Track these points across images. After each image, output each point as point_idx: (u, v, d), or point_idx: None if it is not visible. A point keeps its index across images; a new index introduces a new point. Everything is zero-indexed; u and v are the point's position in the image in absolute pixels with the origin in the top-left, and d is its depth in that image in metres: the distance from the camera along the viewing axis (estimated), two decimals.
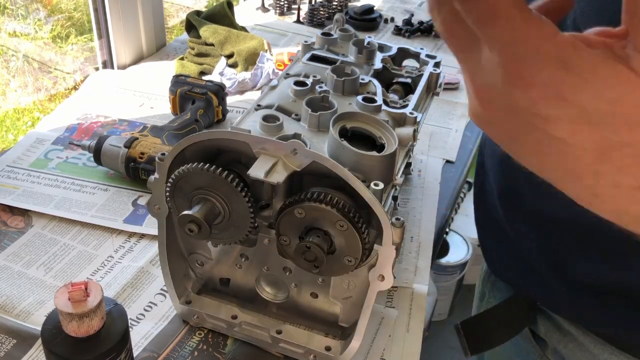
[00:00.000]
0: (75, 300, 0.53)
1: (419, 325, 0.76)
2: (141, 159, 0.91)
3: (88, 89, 1.22)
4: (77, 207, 0.89)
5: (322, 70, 0.81)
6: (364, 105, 0.73)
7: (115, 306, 0.59)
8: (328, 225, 0.57)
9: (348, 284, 0.65)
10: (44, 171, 0.96)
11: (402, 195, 0.96)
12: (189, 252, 0.71)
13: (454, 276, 1.98)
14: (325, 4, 1.61)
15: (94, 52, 1.35)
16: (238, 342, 0.72)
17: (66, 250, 0.82)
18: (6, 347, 0.68)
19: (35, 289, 0.76)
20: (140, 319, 0.73)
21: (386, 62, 0.89)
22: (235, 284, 0.72)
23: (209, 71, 1.28)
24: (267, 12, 1.64)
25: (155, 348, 0.70)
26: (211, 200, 0.58)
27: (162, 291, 0.77)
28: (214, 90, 1.06)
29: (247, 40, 1.33)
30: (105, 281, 0.78)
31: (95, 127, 1.08)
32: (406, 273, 0.83)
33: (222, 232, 0.61)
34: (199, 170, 0.57)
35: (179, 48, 1.40)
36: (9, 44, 2.16)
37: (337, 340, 0.69)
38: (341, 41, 0.91)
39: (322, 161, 0.55)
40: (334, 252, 0.58)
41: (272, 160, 0.56)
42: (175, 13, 2.60)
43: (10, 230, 0.85)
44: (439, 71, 0.89)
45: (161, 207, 0.64)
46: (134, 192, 0.93)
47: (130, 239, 0.85)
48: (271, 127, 0.66)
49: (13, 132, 2.04)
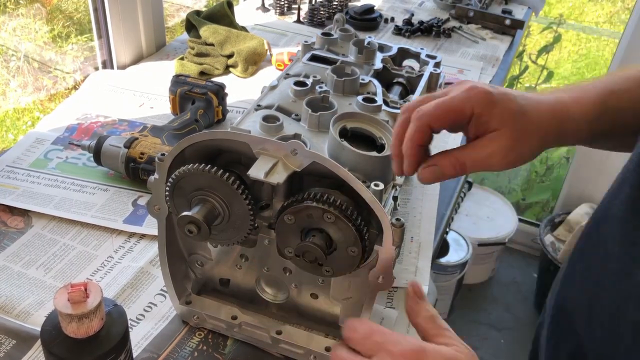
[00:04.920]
0: (75, 301, 0.53)
1: None
2: (141, 159, 0.91)
3: (88, 88, 1.22)
4: (77, 207, 0.89)
5: (322, 71, 0.81)
6: (364, 106, 0.73)
7: (114, 307, 0.59)
8: (322, 223, 0.56)
9: (348, 285, 0.65)
10: (43, 171, 0.96)
11: (402, 195, 0.96)
12: (189, 252, 0.71)
13: (454, 276, 1.98)
14: (325, 4, 1.61)
15: (94, 52, 1.35)
16: (238, 342, 0.71)
17: (66, 250, 0.82)
18: (6, 348, 0.68)
19: (35, 290, 0.76)
20: (140, 320, 0.73)
21: (386, 62, 0.89)
22: (235, 285, 0.72)
23: (209, 71, 1.28)
24: (267, 12, 1.64)
25: (155, 349, 0.70)
26: (211, 201, 0.58)
27: (162, 291, 0.77)
28: (214, 90, 1.06)
29: (247, 40, 1.32)
30: (105, 281, 0.78)
31: (95, 127, 1.08)
32: (406, 273, 0.83)
33: (221, 232, 0.61)
34: (199, 170, 0.57)
35: (179, 48, 1.40)
36: (9, 43, 2.16)
37: (337, 341, 0.69)
38: (341, 41, 0.91)
39: (322, 161, 0.55)
40: (335, 248, 0.57)
41: (272, 161, 0.56)
42: (175, 13, 2.60)
43: (10, 231, 0.85)
44: (439, 71, 0.89)
45: (161, 208, 0.64)
46: (133, 193, 0.93)
47: (130, 239, 0.85)
48: (271, 128, 0.66)
49: (13, 132, 2.04)
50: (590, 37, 3.30)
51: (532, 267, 2.28)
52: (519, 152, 0.55)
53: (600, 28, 3.36)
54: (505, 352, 2.02)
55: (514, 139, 0.54)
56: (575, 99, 0.58)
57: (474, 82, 0.56)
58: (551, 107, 0.57)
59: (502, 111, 0.54)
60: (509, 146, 0.54)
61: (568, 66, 3.17)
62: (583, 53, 3.26)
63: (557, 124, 0.56)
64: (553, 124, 0.56)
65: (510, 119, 0.54)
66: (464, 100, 0.54)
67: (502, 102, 0.54)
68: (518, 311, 2.18)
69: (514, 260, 2.38)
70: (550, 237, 2.11)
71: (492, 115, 0.54)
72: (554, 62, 2.99)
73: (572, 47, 3.27)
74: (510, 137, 0.54)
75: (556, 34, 2.37)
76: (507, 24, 1.62)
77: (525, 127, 0.55)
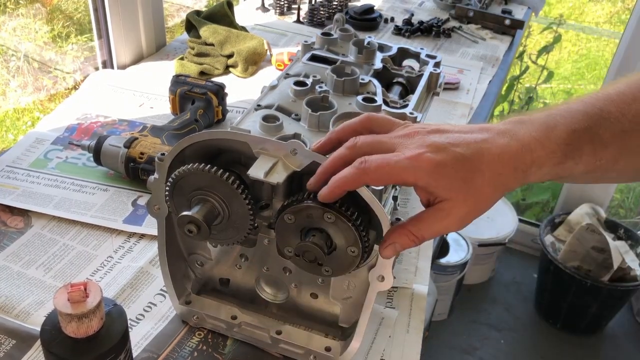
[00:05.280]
0: (75, 300, 0.53)
1: (419, 326, 0.76)
2: (141, 159, 0.91)
3: (88, 88, 1.22)
4: (76, 207, 0.89)
5: (322, 70, 0.81)
6: (364, 105, 0.73)
7: (114, 307, 0.59)
8: (321, 223, 0.56)
9: (348, 285, 0.65)
10: (43, 171, 0.96)
11: (402, 195, 0.96)
12: (189, 252, 0.71)
13: (454, 276, 1.98)
14: (325, 4, 1.61)
15: (94, 52, 1.35)
16: (238, 342, 0.71)
17: (66, 250, 0.82)
18: (5, 348, 0.68)
19: (34, 290, 0.76)
20: (139, 320, 0.73)
21: (386, 62, 0.89)
22: (235, 285, 0.72)
23: (208, 71, 1.28)
24: (267, 12, 1.64)
25: (155, 348, 0.70)
26: (211, 201, 0.58)
27: (161, 291, 0.77)
28: (213, 90, 1.06)
29: (247, 40, 1.32)
30: (105, 281, 0.78)
31: (94, 127, 1.08)
32: (406, 273, 0.82)
33: (221, 232, 0.61)
34: (199, 170, 0.57)
35: (179, 48, 1.40)
36: (9, 43, 2.16)
37: (337, 341, 0.69)
38: (341, 41, 0.91)
39: (322, 161, 0.55)
40: (335, 248, 0.57)
41: (272, 161, 0.56)
42: (176, 13, 2.59)
43: (9, 231, 0.85)
44: (439, 71, 0.88)
45: (161, 207, 0.64)
46: (133, 192, 0.93)
47: (129, 239, 0.85)
48: (271, 127, 0.66)
49: (13, 132, 2.04)
50: (590, 37, 3.31)
51: (532, 268, 2.27)
52: (476, 214, 0.52)
53: (600, 28, 3.36)
54: (505, 352, 2.02)
55: (468, 206, 0.51)
56: (542, 138, 0.52)
57: (426, 141, 0.51)
58: (513, 156, 0.51)
59: (450, 182, 0.50)
60: (465, 213, 0.51)
61: (568, 66, 3.17)
62: (583, 53, 3.26)
63: (521, 177, 0.52)
64: (511, 179, 0.51)
65: (462, 189, 0.50)
66: (407, 170, 0.50)
67: (450, 172, 0.50)
68: (518, 311, 2.18)
69: (514, 261, 2.38)
70: (550, 237, 2.11)
71: (439, 187, 0.50)
72: (554, 62, 2.99)
73: (572, 48, 3.27)
74: (463, 205, 0.51)
75: (556, 34, 2.37)
76: (507, 24, 1.62)
77: (479, 190, 0.51)
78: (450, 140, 0.51)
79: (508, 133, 0.52)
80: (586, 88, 3.03)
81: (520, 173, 0.51)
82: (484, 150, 0.51)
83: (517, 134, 0.52)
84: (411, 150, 0.51)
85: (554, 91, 2.82)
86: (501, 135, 0.52)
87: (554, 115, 0.53)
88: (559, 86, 2.94)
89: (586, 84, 3.07)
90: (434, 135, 0.52)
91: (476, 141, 0.51)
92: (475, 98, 1.30)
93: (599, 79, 2.94)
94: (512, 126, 0.53)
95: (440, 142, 0.51)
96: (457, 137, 0.52)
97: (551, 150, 0.51)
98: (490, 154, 0.51)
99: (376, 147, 0.53)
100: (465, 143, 0.51)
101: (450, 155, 0.50)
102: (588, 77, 3.13)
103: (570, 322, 2.10)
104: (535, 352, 2.04)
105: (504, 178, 0.51)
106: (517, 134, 0.52)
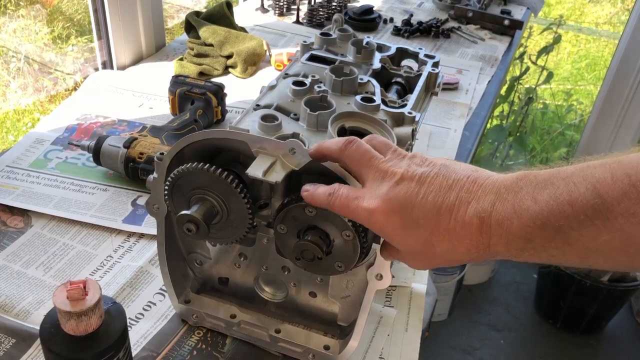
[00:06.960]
0: (74, 298, 0.53)
1: (417, 325, 0.76)
2: (140, 159, 0.91)
3: (87, 89, 1.22)
4: (76, 207, 0.89)
5: (320, 70, 0.81)
6: (362, 105, 0.73)
7: (113, 304, 0.59)
8: (311, 220, 0.56)
9: (346, 283, 0.65)
10: (43, 171, 0.96)
11: None
12: (188, 251, 0.71)
13: (454, 276, 1.98)
14: (324, 5, 1.61)
15: (94, 53, 1.36)
16: (237, 341, 0.72)
17: (65, 250, 0.82)
18: (5, 347, 0.68)
19: (34, 289, 0.76)
20: (139, 319, 0.74)
21: (385, 62, 0.89)
22: (234, 284, 0.72)
23: (208, 71, 1.28)
24: (266, 12, 1.64)
25: (154, 347, 0.70)
26: (210, 200, 0.58)
27: (161, 291, 0.77)
28: (213, 91, 1.06)
29: (247, 40, 1.33)
30: (105, 281, 0.78)
31: (94, 127, 1.08)
32: (405, 272, 0.83)
33: (220, 231, 0.61)
34: (198, 169, 0.57)
35: (178, 49, 1.41)
36: (9, 44, 2.16)
37: (336, 340, 0.69)
38: (340, 41, 0.91)
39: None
40: (334, 241, 0.57)
41: (271, 160, 0.56)
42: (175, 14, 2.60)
43: (9, 230, 0.85)
44: (437, 71, 0.89)
45: (160, 207, 0.64)
46: (133, 192, 0.93)
47: (129, 238, 0.85)
48: (270, 127, 0.66)
49: (13, 133, 2.04)
50: (589, 38, 3.31)
51: (532, 268, 2.28)
52: (437, 266, 0.54)
53: (599, 29, 3.36)
54: (505, 353, 2.02)
55: (424, 264, 0.53)
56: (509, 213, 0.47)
57: (392, 191, 0.49)
58: (476, 230, 0.47)
59: (401, 240, 0.50)
60: (424, 266, 0.54)
61: (568, 67, 3.18)
62: (583, 54, 3.26)
63: (475, 255, 0.49)
64: (465, 256, 0.49)
65: (420, 252, 0.50)
66: (362, 219, 0.52)
67: (409, 231, 0.49)
68: (518, 312, 2.18)
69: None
70: None
71: (400, 244, 0.51)
72: (553, 63, 2.99)
73: (572, 48, 3.28)
74: (421, 262, 0.53)
75: (556, 34, 2.37)
76: (506, 25, 1.62)
77: (434, 253, 0.50)
78: (419, 197, 0.48)
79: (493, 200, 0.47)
80: (586, 89, 3.03)
81: (474, 252, 0.49)
82: (442, 222, 0.48)
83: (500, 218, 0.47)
84: (371, 199, 0.50)
85: (553, 92, 2.82)
86: (481, 201, 0.47)
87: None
88: (559, 87, 2.95)
89: (586, 84, 3.07)
90: (406, 183, 0.49)
91: (444, 205, 0.47)
92: (474, 98, 1.30)
93: (599, 79, 2.94)
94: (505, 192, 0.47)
95: (404, 197, 0.49)
96: (428, 193, 0.48)
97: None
98: (448, 229, 0.47)
99: (364, 162, 0.53)
100: (432, 205, 0.48)
101: (406, 218, 0.49)
102: (587, 77, 3.13)
103: (570, 322, 2.10)
104: (535, 352, 2.04)
105: (456, 254, 0.49)
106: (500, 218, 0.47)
